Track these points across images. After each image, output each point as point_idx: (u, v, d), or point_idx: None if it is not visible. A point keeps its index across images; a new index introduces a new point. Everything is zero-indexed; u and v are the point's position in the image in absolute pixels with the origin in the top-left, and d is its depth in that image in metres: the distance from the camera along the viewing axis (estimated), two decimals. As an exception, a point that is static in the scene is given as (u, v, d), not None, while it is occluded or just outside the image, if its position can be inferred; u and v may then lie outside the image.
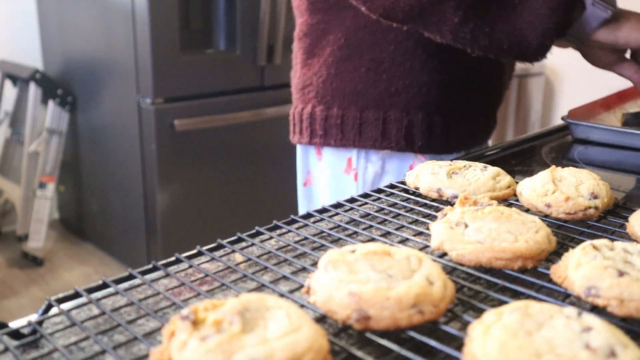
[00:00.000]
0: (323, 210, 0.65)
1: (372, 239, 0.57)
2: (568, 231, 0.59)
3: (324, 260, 0.44)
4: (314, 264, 0.52)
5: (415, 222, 0.62)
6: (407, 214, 0.64)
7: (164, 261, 0.52)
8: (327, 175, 1.05)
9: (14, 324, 0.43)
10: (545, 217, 0.61)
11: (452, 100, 0.99)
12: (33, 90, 2.57)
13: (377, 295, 0.40)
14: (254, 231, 0.59)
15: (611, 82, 1.27)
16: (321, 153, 1.05)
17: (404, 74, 0.95)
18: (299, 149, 1.11)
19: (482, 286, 0.48)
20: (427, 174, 0.68)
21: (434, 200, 0.67)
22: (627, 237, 0.56)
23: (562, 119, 0.99)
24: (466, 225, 0.52)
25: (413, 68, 0.95)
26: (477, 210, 0.54)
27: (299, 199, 1.15)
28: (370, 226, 0.62)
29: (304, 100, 1.04)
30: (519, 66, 2.32)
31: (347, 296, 0.40)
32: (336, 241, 0.58)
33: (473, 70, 1.00)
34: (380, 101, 0.96)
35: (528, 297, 0.45)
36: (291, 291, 0.48)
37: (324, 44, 0.99)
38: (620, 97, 1.15)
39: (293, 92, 1.09)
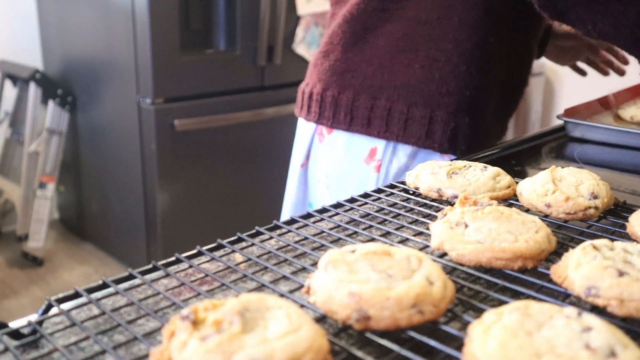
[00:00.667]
0: (323, 210, 0.65)
1: (372, 239, 0.57)
2: (568, 231, 0.59)
3: (324, 260, 0.44)
4: (314, 264, 0.52)
5: (415, 222, 0.62)
6: (407, 214, 0.64)
7: (164, 261, 0.52)
8: (340, 161, 1.03)
9: (14, 324, 0.43)
10: (545, 217, 0.61)
11: (494, 105, 0.99)
12: (33, 90, 2.57)
13: (377, 295, 0.40)
14: (254, 231, 0.59)
15: (610, 83, 1.27)
16: (331, 138, 1.03)
17: (458, 76, 0.93)
18: (306, 128, 1.08)
19: (482, 286, 0.48)
20: (427, 174, 0.68)
21: (434, 200, 0.67)
22: (627, 237, 0.56)
23: (558, 117, 0.99)
24: (466, 225, 0.52)
25: (468, 71, 0.93)
26: (477, 210, 0.54)
27: (292, 180, 1.13)
28: (370, 226, 0.62)
29: (341, 84, 1.00)
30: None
31: (347, 296, 0.40)
32: (336, 241, 0.58)
33: (512, 76, 1.00)
34: (429, 99, 0.94)
35: (528, 297, 0.45)
36: (291, 291, 0.48)
37: (380, 33, 0.96)
38: (616, 98, 1.16)
39: (320, 71, 1.04)
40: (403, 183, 0.72)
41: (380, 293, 0.40)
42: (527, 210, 0.62)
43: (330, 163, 1.05)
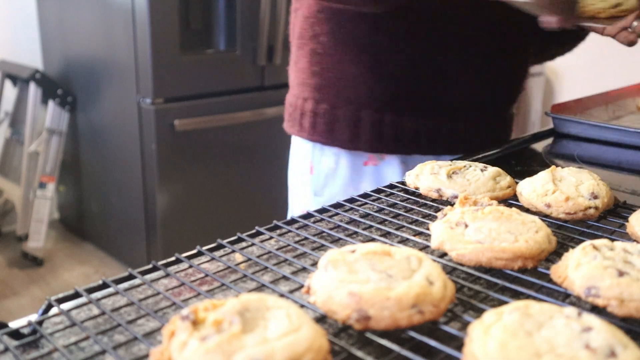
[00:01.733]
0: (323, 210, 0.65)
1: (372, 239, 0.57)
2: (568, 231, 0.59)
3: (324, 260, 0.44)
4: (314, 264, 0.52)
5: (415, 222, 0.62)
6: (407, 214, 0.64)
7: (164, 261, 0.52)
8: (299, 164, 1.05)
9: (14, 324, 0.43)
10: (545, 217, 0.61)
11: (410, 97, 0.92)
12: (33, 90, 2.57)
13: (377, 295, 0.40)
14: (254, 231, 0.59)
15: (610, 83, 1.27)
16: (294, 139, 1.06)
17: (334, 66, 0.94)
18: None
19: (482, 286, 0.48)
20: (427, 174, 0.68)
21: (434, 200, 0.67)
22: (627, 237, 0.56)
23: (546, 114, 0.99)
24: (466, 225, 0.52)
25: (342, 60, 0.93)
26: (477, 210, 0.54)
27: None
28: (370, 226, 0.62)
29: (291, 87, 1.06)
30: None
31: (347, 296, 0.40)
32: (336, 241, 0.58)
33: (443, 66, 0.92)
34: (318, 93, 0.95)
35: (528, 297, 0.45)
36: (291, 291, 0.48)
37: (292, 33, 1.02)
38: (609, 95, 1.16)
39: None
40: (403, 183, 0.72)
41: (380, 293, 0.40)
42: (527, 210, 0.62)
43: (293, 165, 1.07)
